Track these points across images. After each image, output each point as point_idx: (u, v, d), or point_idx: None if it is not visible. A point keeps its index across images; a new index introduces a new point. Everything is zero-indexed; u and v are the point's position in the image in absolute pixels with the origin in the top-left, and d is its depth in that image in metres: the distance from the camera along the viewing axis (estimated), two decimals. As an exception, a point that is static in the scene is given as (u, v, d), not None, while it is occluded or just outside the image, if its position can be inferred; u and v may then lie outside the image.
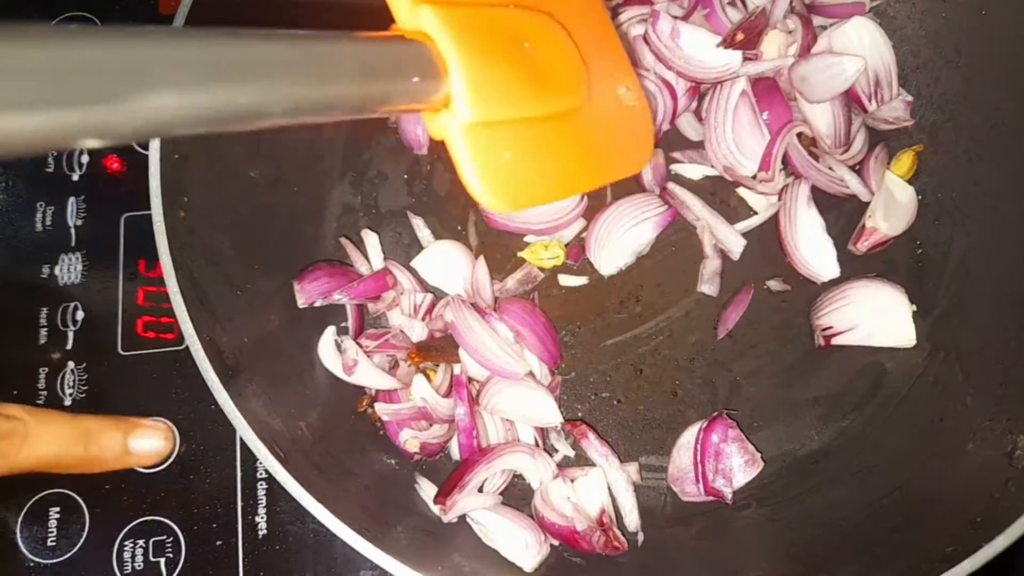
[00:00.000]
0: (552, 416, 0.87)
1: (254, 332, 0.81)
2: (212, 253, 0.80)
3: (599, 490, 0.85)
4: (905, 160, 0.98)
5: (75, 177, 1.03)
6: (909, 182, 0.97)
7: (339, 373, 0.87)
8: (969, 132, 0.95)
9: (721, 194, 1.00)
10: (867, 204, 0.97)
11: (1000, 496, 0.72)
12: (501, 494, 0.87)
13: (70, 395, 0.96)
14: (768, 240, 0.97)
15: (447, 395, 0.88)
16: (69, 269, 1.00)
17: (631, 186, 0.98)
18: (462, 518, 0.83)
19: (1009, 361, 0.84)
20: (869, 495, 0.83)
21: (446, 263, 0.95)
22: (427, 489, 0.87)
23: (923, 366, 0.92)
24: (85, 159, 1.04)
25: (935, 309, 0.94)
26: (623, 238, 0.95)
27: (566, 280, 0.97)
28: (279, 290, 0.88)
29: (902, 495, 0.81)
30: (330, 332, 0.89)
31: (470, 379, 0.89)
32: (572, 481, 0.86)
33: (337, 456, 0.81)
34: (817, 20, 1.01)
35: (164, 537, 0.91)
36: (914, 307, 0.92)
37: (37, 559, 0.90)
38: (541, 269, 0.96)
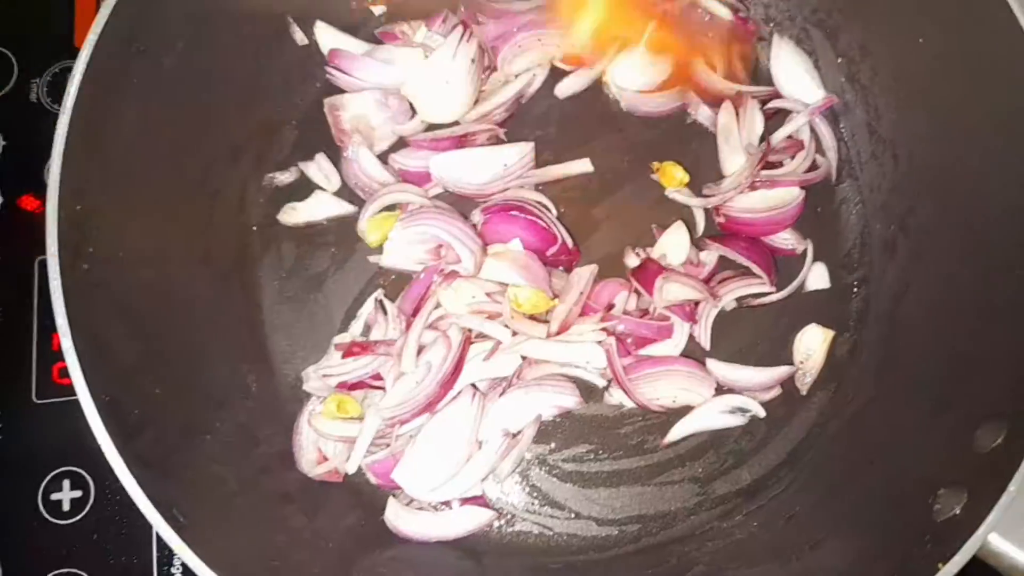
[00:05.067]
0: None
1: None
2: (120, 307, 0.78)
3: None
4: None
5: (-12, 218, 1.01)
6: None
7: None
8: (905, 161, 0.93)
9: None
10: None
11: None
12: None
13: (-19, 445, 0.93)
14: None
15: None
16: (-19, 314, 0.98)
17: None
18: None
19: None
20: (872, 482, 0.82)
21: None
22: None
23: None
24: (-1, 199, 1.01)
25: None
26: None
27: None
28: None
29: (905, 484, 0.79)
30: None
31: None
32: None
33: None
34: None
35: (77, 592, 0.89)
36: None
37: (-57, 616, 0.89)
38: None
